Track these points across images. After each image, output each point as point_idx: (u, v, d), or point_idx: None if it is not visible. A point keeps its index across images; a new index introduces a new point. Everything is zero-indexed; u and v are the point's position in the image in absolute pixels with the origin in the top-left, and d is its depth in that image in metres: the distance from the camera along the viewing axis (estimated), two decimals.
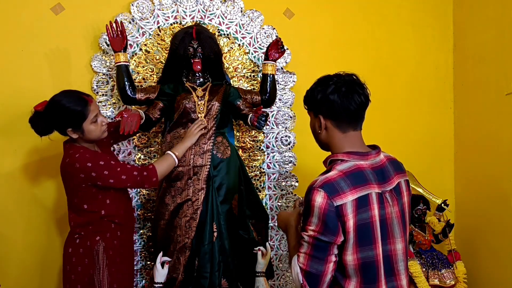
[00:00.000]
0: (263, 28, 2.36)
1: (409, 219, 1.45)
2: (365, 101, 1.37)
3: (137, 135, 2.25)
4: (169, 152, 1.93)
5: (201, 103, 2.06)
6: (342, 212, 1.25)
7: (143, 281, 2.28)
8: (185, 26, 2.22)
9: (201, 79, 2.13)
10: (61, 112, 1.70)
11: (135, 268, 2.27)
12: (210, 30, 2.23)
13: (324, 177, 1.29)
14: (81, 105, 1.71)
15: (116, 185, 1.74)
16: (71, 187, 1.78)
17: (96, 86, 2.22)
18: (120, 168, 1.75)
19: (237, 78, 2.34)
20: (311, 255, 1.28)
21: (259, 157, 2.36)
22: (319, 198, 1.26)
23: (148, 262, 2.27)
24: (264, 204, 2.32)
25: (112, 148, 2.22)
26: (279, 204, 2.39)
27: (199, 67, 2.07)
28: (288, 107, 2.41)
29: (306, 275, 1.29)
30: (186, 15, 2.29)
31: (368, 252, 1.29)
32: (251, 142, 2.35)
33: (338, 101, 1.33)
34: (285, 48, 2.20)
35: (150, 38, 2.26)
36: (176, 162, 1.93)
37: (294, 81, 2.41)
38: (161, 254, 1.92)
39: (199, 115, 2.05)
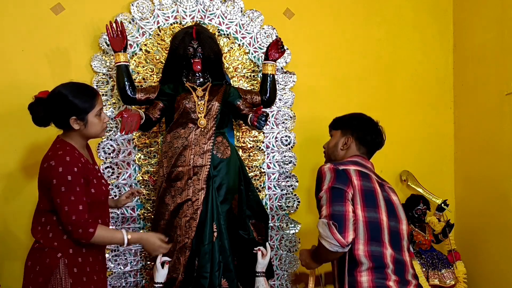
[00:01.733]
0: (263, 28, 2.36)
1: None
2: (380, 142, 1.79)
3: (137, 135, 2.25)
4: (123, 231, 1.66)
5: (201, 103, 2.06)
6: (347, 173, 1.55)
7: (143, 281, 2.28)
8: (185, 26, 2.22)
9: (201, 79, 2.13)
10: (69, 98, 1.59)
11: (135, 268, 2.27)
12: (210, 30, 2.23)
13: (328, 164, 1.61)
14: (90, 94, 1.65)
15: (57, 209, 1.56)
16: (41, 185, 1.63)
17: (96, 86, 2.22)
18: (69, 208, 1.53)
19: (237, 78, 2.34)
20: (330, 202, 1.48)
21: (259, 157, 2.36)
22: (327, 167, 1.57)
23: (148, 262, 2.27)
24: (264, 204, 2.32)
25: (112, 148, 2.22)
26: (279, 204, 2.39)
27: (199, 67, 2.07)
28: (288, 107, 2.41)
29: (331, 217, 1.45)
30: (186, 15, 2.29)
31: (373, 213, 1.50)
32: (251, 142, 2.35)
33: (369, 133, 1.75)
34: (285, 48, 2.20)
35: (150, 38, 2.26)
36: (124, 243, 1.65)
37: (294, 81, 2.41)
38: (161, 254, 1.92)
39: (199, 115, 2.05)
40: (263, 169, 2.37)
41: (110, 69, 2.21)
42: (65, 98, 1.60)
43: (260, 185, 2.37)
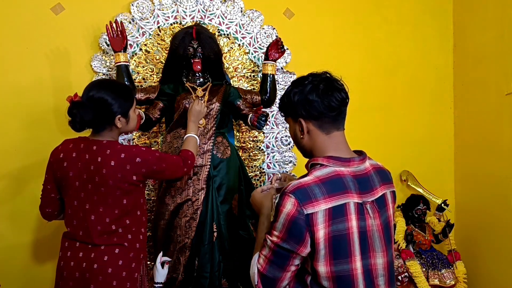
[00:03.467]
0: (263, 28, 2.36)
1: (394, 232, 1.40)
2: (345, 97, 1.31)
3: (137, 135, 2.24)
4: (190, 134, 1.89)
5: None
6: (312, 222, 1.15)
7: None
8: (185, 26, 2.22)
9: (201, 79, 2.13)
10: (111, 99, 1.55)
11: None
12: (210, 30, 2.23)
13: (298, 182, 1.20)
14: (128, 91, 1.64)
15: (170, 176, 1.74)
16: (114, 185, 1.56)
17: None
18: (170, 159, 1.70)
19: (237, 78, 2.34)
20: (270, 260, 1.22)
21: (259, 157, 2.36)
22: (289, 205, 1.16)
23: (148, 262, 2.27)
24: None
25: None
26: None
27: (199, 67, 2.07)
28: None
29: (262, 278, 1.24)
30: (186, 15, 2.29)
31: (343, 265, 1.20)
32: (251, 142, 2.35)
33: (318, 100, 1.25)
34: (285, 48, 2.20)
35: (150, 38, 2.26)
36: (198, 141, 1.92)
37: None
38: (161, 254, 1.92)
39: None
40: (263, 169, 2.37)
41: (110, 69, 2.21)
42: (107, 101, 1.56)
43: (260, 185, 2.37)
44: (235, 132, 2.34)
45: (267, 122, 2.34)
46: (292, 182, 1.21)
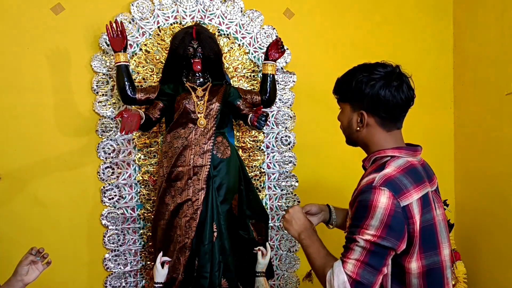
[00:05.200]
0: (263, 28, 2.36)
1: None
2: (414, 95, 1.24)
3: (137, 135, 2.25)
4: None
5: (201, 103, 2.06)
6: (409, 214, 1.10)
7: (143, 281, 2.28)
8: (185, 26, 2.22)
9: (201, 79, 2.13)
10: None
11: (135, 268, 2.27)
12: (210, 30, 2.23)
13: (383, 174, 1.13)
14: None
15: None
16: None
17: (96, 86, 2.22)
18: None
19: (237, 78, 2.34)
20: (364, 263, 1.10)
21: (259, 157, 2.36)
22: (383, 198, 1.09)
23: (148, 262, 2.27)
24: (264, 204, 2.32)
25: (112, 148, 2.23)
26: (279, 204, 2.39)
27: (199, 67, 2.07)
28: (288, 107, 2.41)
29: (355, 285, 1.10)
30: (186, 15, 2.29)
31: (434, 257, 1.17)
32: (251, 142, 2.35)
33: (389, 99, 1.18)
34: (285, 48, 2.20)
35: (150, 38, 2.26)
36: None
37: (294, 81, 2.41)
38: (161, 254, 1.92)
39: (199, 115, 2.05)
40: (263, 169, 2.37)
41: (110, 69, 2.21)
42: None
43: (260, 185, 2.37)
44: (235, 132, 2.34)
45: (267, 122, 2.34)
46: (373, 176, 1.14)
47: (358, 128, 1.24)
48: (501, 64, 2.32)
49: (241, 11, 2.34)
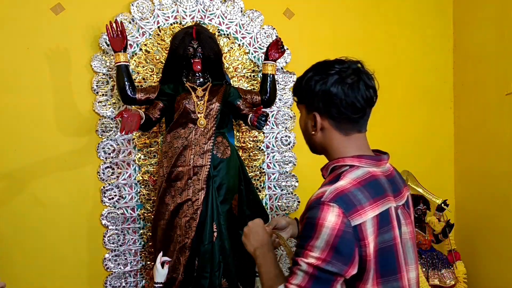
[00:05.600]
0: (263, 28, 2.36)
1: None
2: (373, 96, 1.10)
3: (137, 135, 2.25)
4: None
5: (201, 103, 2.06)
6: (361, 234, 0.94)
7: (143, 281, 2.28)
8: (185, 26, 2.22)
9: (201, 79, 2.13)
10: None
11: (135, 268, 2.27)
12: (210, 30, 2.23)
13: (334, 188, 0.98)
14: None
15: None
16: None
17: (96, 86, 2.22)
18: None
19: (237, 78, 2.34)
20: (306, 285, 0.96)
21: (259, 157, 2.36)
22: (332, 216, 0.93)
23: (148, 262, 2.27)
24: (264, 204, 2.32)
25: (112, 148, 2.23)
26: (279, 204, 2.39)
27: (199, 67, 2.07)
28: (288, 107, 2.41)
29: None
30: (186, 15, 2.29)
31: (393, 283, 0.99)
32: (251, 142, 2.35)
33: (341, 97, 1.03)
34: (285, 48, 2.20)
35: (150, 38, 2.26)
36: None
37: (294, 81, 2.41)
38: (161, 254, 1.92)
39: (199, 115, 2.05)
40: (263, 169, 2.37)
41: (110, 69, 2.21)
42: None
43: (260, 185, 2.37)
44: (235, 132, 2.34)
45: (267, 122, 2.34)
46: (324, 189, 0.99)
47: (313, 132, 1.09)
48: (501, 64, 2.32)
49: (241, 11, 2.34)
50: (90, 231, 2.25)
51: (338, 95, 1.04)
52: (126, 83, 2.03)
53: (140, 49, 2.25)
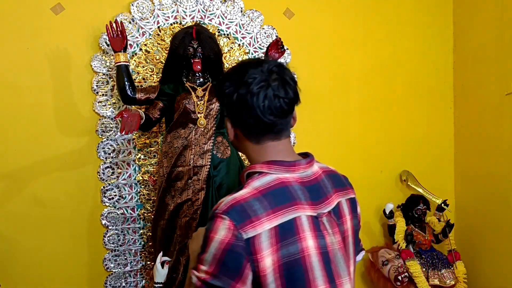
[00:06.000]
0: (263, 28, 2.36)
1: (355, 251, 1.04)
2: (284, 105, 0.97)
3: (137, 135, 2.25)
4: None
5: (201, 103, 2.06)
6: (254, 248, 0.87)
7: (143, 281, 2.28)
8: (185, 26, 2.22)
9: (201, 79, 2.13)
10: None
11: (135, 268, 2.27)
12: (210, 30, 2.23)
13: (232, 198, 0.92)
14: None
15: None
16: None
17: (96, 86, 2.22)
18: None
19: None
20: None
21: None
22: (222, 230, 0.88)
23: (148, 262, 2.27)
24: None
25: (112, 148, 2.23)
26: None
27: (199, 67, 2.06)
28: None
29: None
30: (186, 15, 2.29)
31: None
32: None
33: (246, 107, 0.95)
34: (285, 48, 2.20)
35: (150, 38, 2.26)
36: None
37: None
38: (161, 254, 1.92)
39: (199, 115, 2.05)
40: None
41: (110, 69, 2.21)
42: None
43: None
44: None
45: None
46: (225, 199, 0.93)
47: (231, 138, 1.04)
48: (501, 64, 2.32)
49: (241, 11, 2.34)
50: (90, 231, 2.25)
51: (242, 105, 0.96)
52: (126, 83, 2.03)
53: (140, 49, 2.25)
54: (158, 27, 2.27)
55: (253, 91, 0.94)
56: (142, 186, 2.26)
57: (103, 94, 2.22)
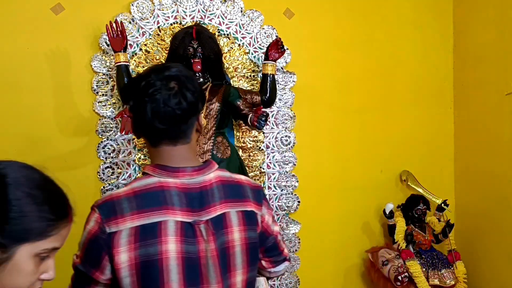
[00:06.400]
0: (263, 28, 2.36)
1: (247, 261, 1.06)
2: (179, 117, 0.98)
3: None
4: None
5: None
6: (112, 243, 0.94)
7: None
8: (185, 26, 2.22)
9: (201, 79, 2.13)
10: None
11: None
12: (210, 30, 2.23)
13: (109, 194, 1.01)
14: None
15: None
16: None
17: (96, 86, 2.22)
18: None
19: (237, 78, 2.34)
20: (73, 282, 1.05)
21: (259, 157, 2.36)
22: (92, 221, 0.98)
23: None
24: None
25: (112, 148, 2.22)
26: (279, 204, 2.39)
27: (199, 67, 2.07)
28: (288, 107, 2.41)
29: None
30: (186, 15, 2.29)
31: None
32: (251, 142, 2.35)
33: (137, 112, 1.01)
34: (285, 48, 2.20)
35: (150, 38, 2.26)
36: None
37: (294, 81, 2.41)
38: None
39: None
40: (263, 169, 2.37)
41: (110, 69, 2.21)
42: None
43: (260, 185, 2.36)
44: (235, 132, 2.34)
45: (267, 122, 2.34)
46: (107, 193, 1.03)
47: (138, 138, 1.12)
48: (501, 64, 2.32)
49: (241, 11, 2.34)
50: None
51: (135, 110, 1.01)
52: (126, 83, 2.03)
53: (140, 49, 2.25)
54: (158, 27, 2.27)
55: (143, 97, 0.97)
56: None
57: (103, 94, 2.22)
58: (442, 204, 2.47)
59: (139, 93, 0.98)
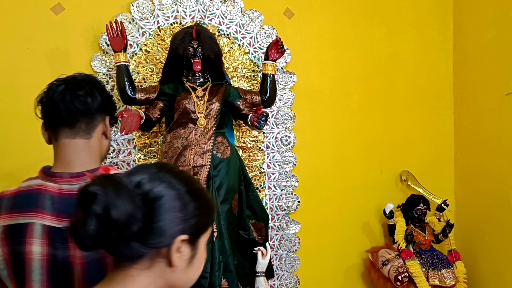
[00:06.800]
0: (263, 28, 2.36)
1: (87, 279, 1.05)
2: (59, 113, 1.16)
3: (137, 135, 2.25)
4: None
5: (201, 103, 2.07)
6: None
7: None
8: (185, 26, 2.22)
9: (201, 79, 2.13)
10: None
11: None
12: (210, 30, 2.23)
13: (3, 191, 1.07)
14: None
15: None
16: None
17: None
18: None
19: (237, 78, 2.34)
20: None
21: (259, 157, 2.36)
22: None
23: None
24: (264, 204, 2.32)
25: (112, 148, 2.22)
26: (279, 204, 2.39)
27: (199, 67, 2.07)
28: (288, 107, 2.41)
29: None
30: (186, 15, 2.29)
31: None
32: (251, 142, 2.35)
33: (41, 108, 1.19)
34: (285, 48, 2.20)
35: (150, 38, 2.26)
36: None
37: (294, 81, 2.41)
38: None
39: (199, 115, 2.05)
40: (263, 169, 2.37)
41: (110, 69, 2.21)
42: None
43: (260, 185, 2.37)
44: (235, 132, 2.34)
45: (267, 122, 2.34)
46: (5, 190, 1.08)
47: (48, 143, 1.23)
48: (501, 64, 2.32)
49: (241, 11, 2.34)
50: None
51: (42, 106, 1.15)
52: (126, 83, 2.04)
53: (140, 49, 2.25)
54: (158, 27, 2.27)
55: (43, 99, 1.15)
56: None
57: None
58: (442, 204, 2.47)
59: (43, 97, 1.21)
